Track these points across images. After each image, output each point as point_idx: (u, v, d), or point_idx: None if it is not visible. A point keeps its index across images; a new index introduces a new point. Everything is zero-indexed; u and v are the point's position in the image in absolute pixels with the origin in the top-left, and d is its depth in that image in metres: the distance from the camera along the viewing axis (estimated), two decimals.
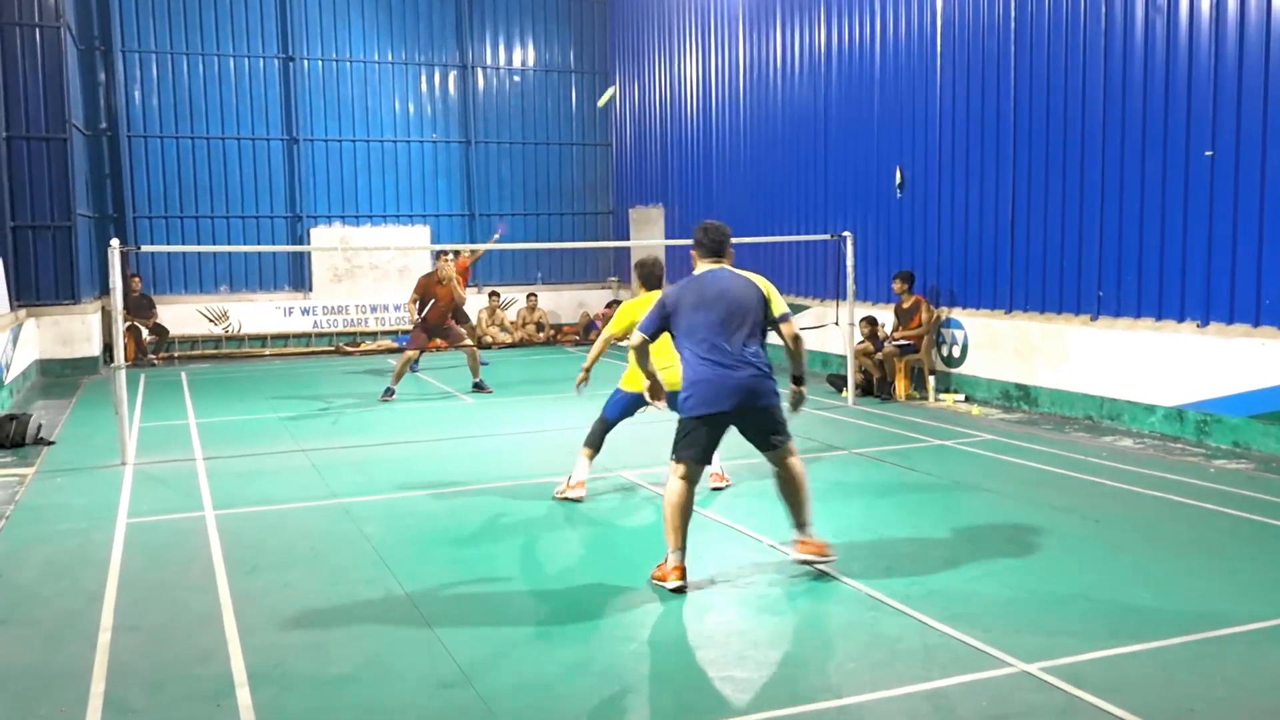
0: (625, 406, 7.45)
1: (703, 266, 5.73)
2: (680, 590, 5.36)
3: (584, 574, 5.79)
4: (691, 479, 5.50)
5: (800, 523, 5.71)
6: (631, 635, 4.84)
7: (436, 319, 12.69)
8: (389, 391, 12.35)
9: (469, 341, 13.18)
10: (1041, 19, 10.65)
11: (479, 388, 12.86)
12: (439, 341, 13.18)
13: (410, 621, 5.04)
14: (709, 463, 5.66)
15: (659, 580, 5.48)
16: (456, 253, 15.00)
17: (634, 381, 7.21)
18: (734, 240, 6.00)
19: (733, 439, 5.65)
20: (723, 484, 7.60)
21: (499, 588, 5.57)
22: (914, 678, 4.28)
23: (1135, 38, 9.65)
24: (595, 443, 7.51)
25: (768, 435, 5.60)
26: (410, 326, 13.42)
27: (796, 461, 5.70)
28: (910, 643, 4.66)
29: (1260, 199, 8.60)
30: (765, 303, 5.61)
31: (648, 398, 6.04)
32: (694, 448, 5.47)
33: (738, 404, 5.42)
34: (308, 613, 5.20)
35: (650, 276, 7.51)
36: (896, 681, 4.25)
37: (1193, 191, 9.18)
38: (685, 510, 5.47)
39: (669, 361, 6.25)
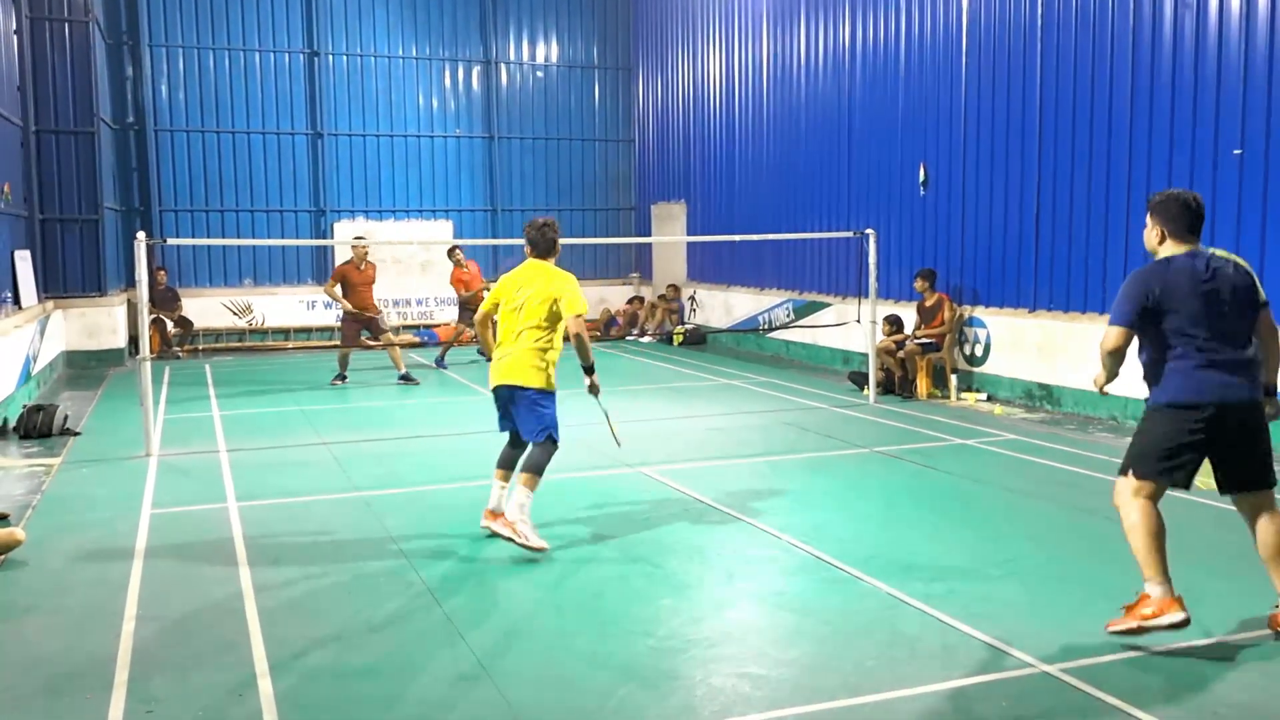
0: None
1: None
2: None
3: (603, 568, 5.80)
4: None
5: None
6: (650, 631, 4.85)
7: (359, 307, 13.07)
8: (340, 377, 13.10)
9: (390, 338, 13.55)
10: (1069, 15, 10.57)
11: (405, 379, 13.14)
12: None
13: (430, 614, 5.07)
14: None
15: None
16: (454, 248, 15.20)
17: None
18: (756, 237, 6.05)
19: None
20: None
21: (518, 581, 5.59)
22: (934, 677, 4.26)
23: (1164, 34, 9.56)
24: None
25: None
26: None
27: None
28: (930, 642, 4.64)
29: None
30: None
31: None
32: None
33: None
34: (329, 605, 5.23)
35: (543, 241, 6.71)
36: (916, 680, 4.24)
37: (1220, 190, 9.09)
38: None
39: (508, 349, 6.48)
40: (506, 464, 6.51)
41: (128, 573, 5.74)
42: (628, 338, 18.90)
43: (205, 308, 18.01)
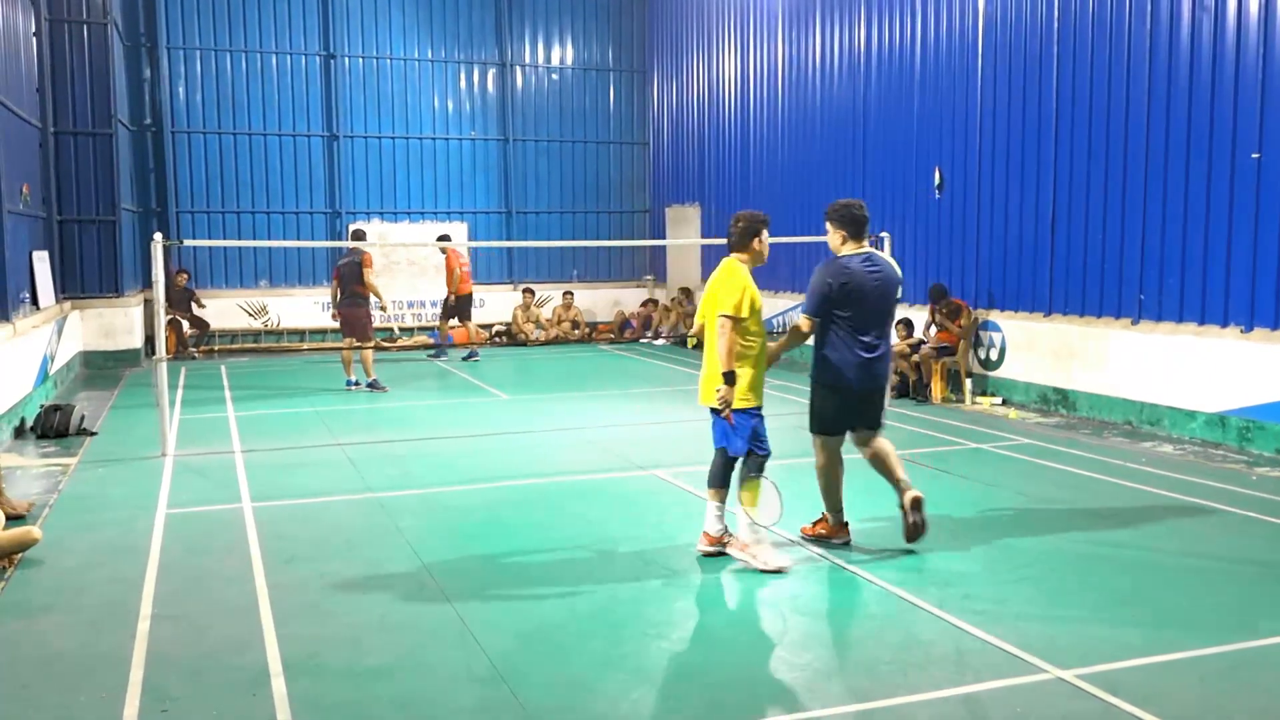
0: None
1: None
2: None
3: (617, 570, 5.80)
4: None
5: None
6: (664, 633, 4.85)
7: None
8: (356, 383, 12.83)
9: (360, 340, 12.87)
10: (1085, 19, 10.53)
11: (369, 385, 12.78)
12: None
13: (444, 615, 5.07)
14: None
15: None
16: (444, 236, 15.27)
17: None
18: (770, 239, 6.03)
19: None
20: None
21: (532, 583, 5.60)
22: (948, 682, 4.25)
23: (1181, 37, 9.51)
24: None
25: None
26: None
27: None
28: (944, 646, 4.62)
29: None
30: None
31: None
32: None
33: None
34: (343, 605, 5.25)
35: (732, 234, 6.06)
36: (930, 685, 4.22)
37: (1238, 194, 9.03)
38: None
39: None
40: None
41: (143, 572, 5.77)
42: (641, 340, 18.90)
43: (221, 309, 18.09)
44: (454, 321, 16.23)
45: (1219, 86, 9.17)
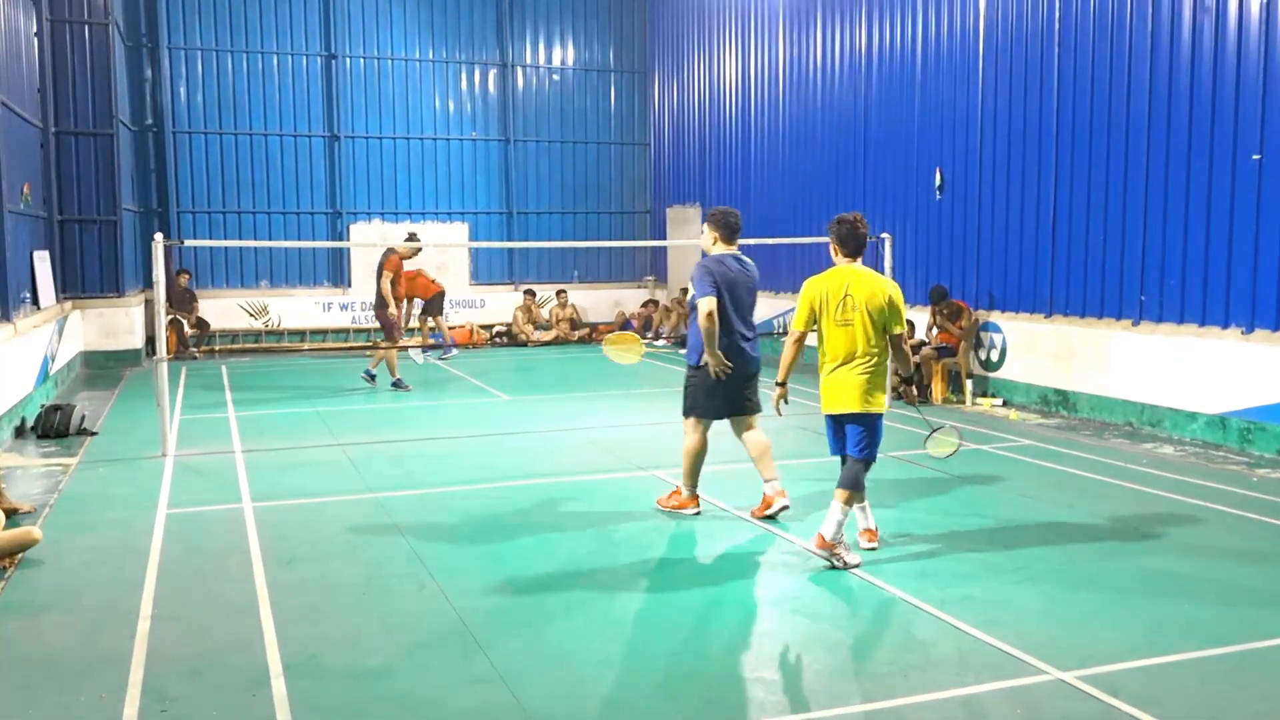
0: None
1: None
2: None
3: (617, 572, 5.80)
4: None
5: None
6: (664, 634, 4.84)
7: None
8: (396, 383, 12.85)
9: (386, 339, 13.06)
10: (1086, 20, 10.53)
11: (392, 384, 12.82)
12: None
13: (444, 616, 5.07)
14: None
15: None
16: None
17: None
18: (771, 240, 6.15)
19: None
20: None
21: (532, 584, 5.59)
22: (948, 683, 4.25)
23: (1182, 39, 9.51)
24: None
25: None
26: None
27: None
28: (945, 648, 4.62)
29: None
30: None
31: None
32: None
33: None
34: (343, 605, 5.25)
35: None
36: (931, 686, 4.22)
37: (1239, 196, 9.03)
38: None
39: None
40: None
41: (143, 572, 5.77)
42: (642, 340, 18.88)
43: (222, 309, 18.10)
44: (431, 322, 15.42)
45: (1220, 88, 9.17)
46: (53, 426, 9.83)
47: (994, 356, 11.77)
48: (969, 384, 11.72)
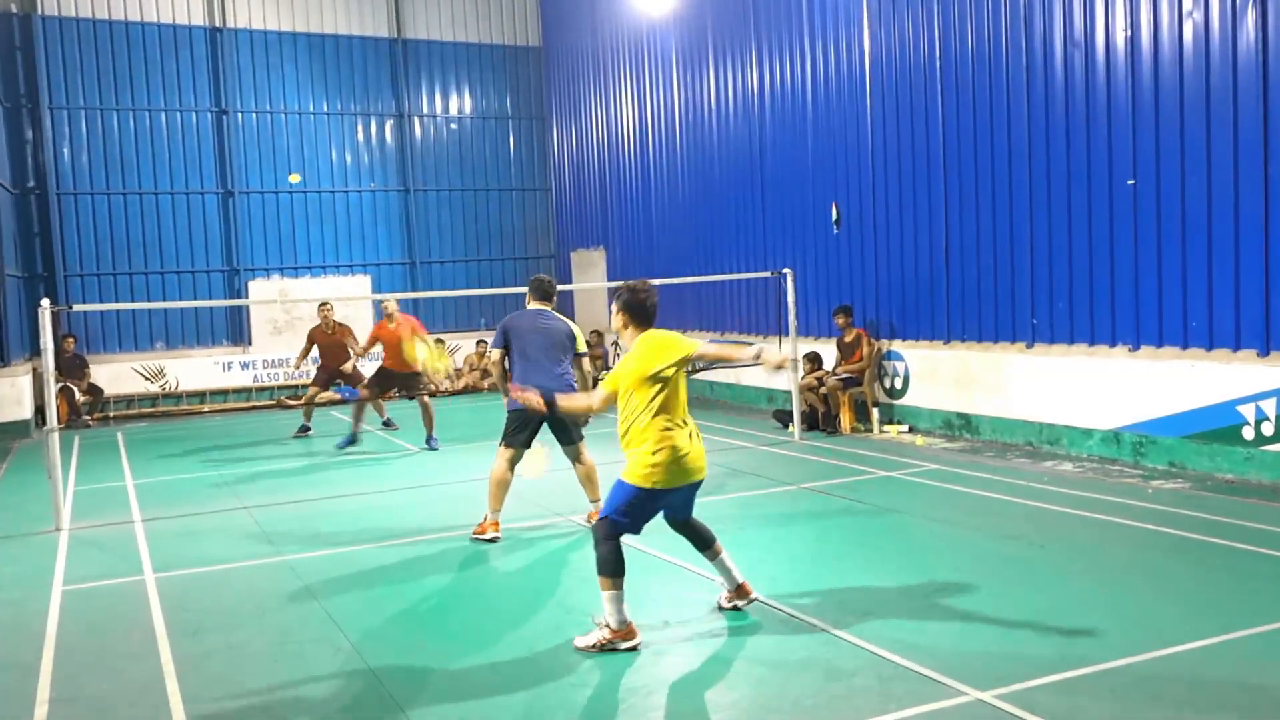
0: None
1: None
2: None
3: (537, 621, 5.73)
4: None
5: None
6: (585, 680, 4.79)
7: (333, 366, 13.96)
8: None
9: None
10: (965, 56, 10.95)
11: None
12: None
13: (362, 679, 4.94)
14: None
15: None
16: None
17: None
18: (675, 280, 6.17)
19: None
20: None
21: (451, 639, 5.49)
22: (871, 710, 4.28)
23: (1055, 72, 9.95)
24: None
25: None
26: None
27: None
28: (866, 676, 4.67)
29: (1181, 225, 8.87)
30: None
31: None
32: None
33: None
34: (254, 675, 5.07)
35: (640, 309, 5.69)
36: (854, 715, 4.25)
37: (1117, 220, 9.44)
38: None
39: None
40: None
41: (39, 654, 5.50)
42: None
43: (116, 373, 17.49)
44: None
45: (1093, 117, 9.60)
46: None
47: (898, 384, 12.04)
48: (875, 412, 11.95)
